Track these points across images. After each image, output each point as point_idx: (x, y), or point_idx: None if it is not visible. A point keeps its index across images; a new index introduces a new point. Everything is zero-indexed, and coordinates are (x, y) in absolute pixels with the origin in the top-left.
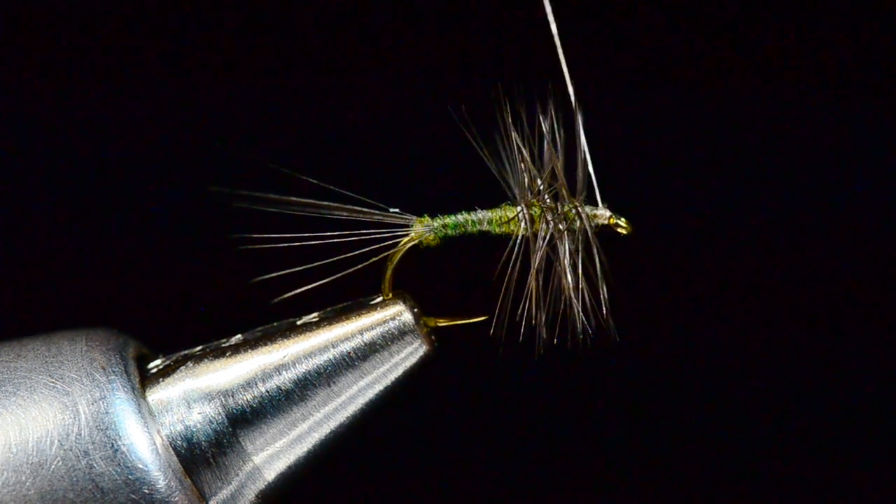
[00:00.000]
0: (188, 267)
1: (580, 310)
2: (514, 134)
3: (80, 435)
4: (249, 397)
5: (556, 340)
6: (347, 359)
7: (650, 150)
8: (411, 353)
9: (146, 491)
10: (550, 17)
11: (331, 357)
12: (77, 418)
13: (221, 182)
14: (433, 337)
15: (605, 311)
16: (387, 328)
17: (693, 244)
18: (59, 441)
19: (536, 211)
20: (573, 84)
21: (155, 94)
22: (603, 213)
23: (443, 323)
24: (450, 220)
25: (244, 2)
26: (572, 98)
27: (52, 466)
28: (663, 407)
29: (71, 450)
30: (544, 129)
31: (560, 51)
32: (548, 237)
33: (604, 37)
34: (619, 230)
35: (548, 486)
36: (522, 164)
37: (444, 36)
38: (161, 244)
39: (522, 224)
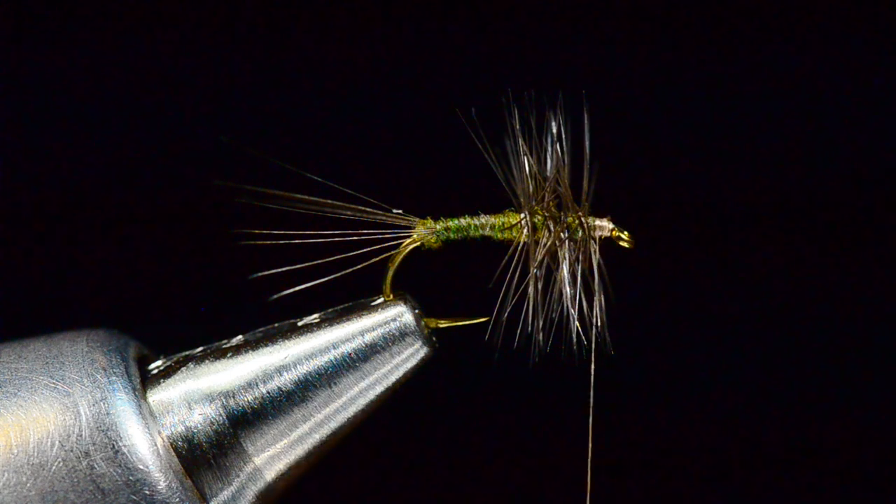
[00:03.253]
0: (188, 267)
1: (577, 320)
2: (520, 140)
3: (81, 436)
4: (250, 398)
5: (548, 349)
6: (348, 360)
7: (657, 161)
8: (412, 354)
9: (147, 492)
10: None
11: (332, 358)
12: (78, 419)
13: (225, 179)
14: (434, 338)
15: (601, 323)
16: (388, 329)
17: (694, 257)
18: (59, 442)
19: (539, 219)
20: (583, 92)
21: (157, 92)
22: (605, 225)
23: (444, 324)
24: (452, 223)
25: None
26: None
27: (53, 467)
28: (657, 419)
29: (72, 451)
30: (552, 136)
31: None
32: (548, 245)
33: (616, 47)
34: (621, 243)
35: (545, 487)
36: (528, 171)
37: (455, 39)
38: (161, 244)
39: (525, 231)
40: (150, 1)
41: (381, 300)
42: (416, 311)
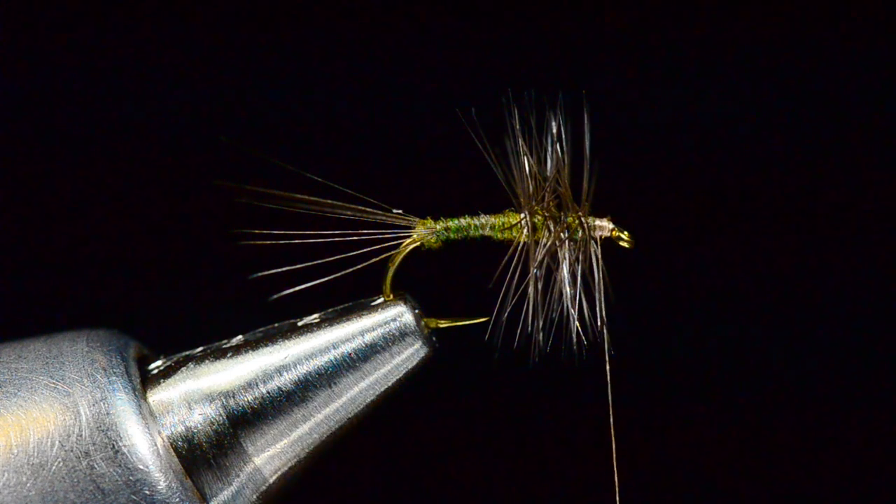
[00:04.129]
0: (188, 267)
1: (577, 319)
2: (520, 140)
3: (81, 436)
4: (250, 398)
5: (548, 349)
6: (348, 360)
7: (657, 161)
8: (412, 354)
9: (147, 492)
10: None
11: (332, 358)
12: (78, 419)
13: (224, 178)
14: (434, 338)
15: (601, 323)
16: (388, 329)
17: (694, 256)
18: (59, 442)
19: (539, 219)
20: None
21: (157, 92)
22: (605, 225)
23: (444, 324)
24: (452, 223)
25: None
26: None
27: (53, 467)
28: (656, 419)
29: (72, 451)
30: (552, 136)
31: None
32: (548, 246)
33: (616, 47)
34: (621, 244)
35: (545, 486)
36: (528, 171)
37: (455, 39)
38: (161, 244)
39: (525, 231)
40: (151, 0)
41: (381, 300)
42: (416, 311)
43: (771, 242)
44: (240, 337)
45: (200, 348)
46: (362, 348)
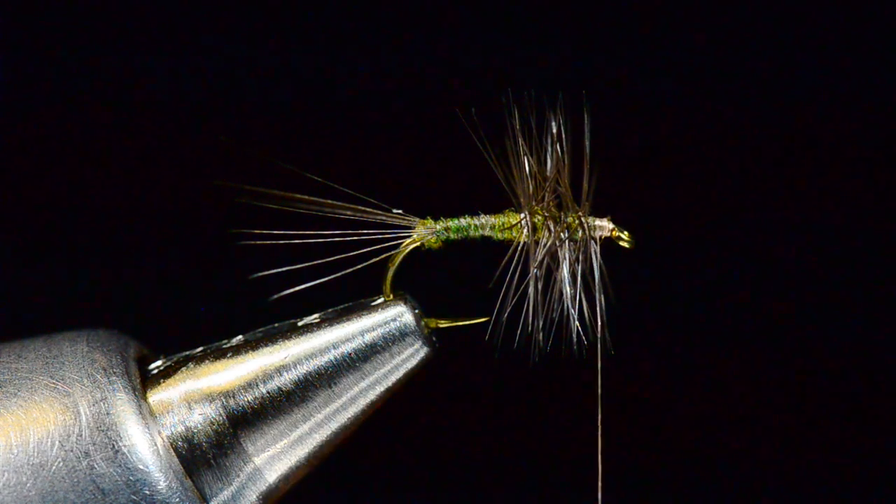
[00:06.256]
0: (188, 267)
1: (576, 319)
2: (520, 140)
3: (81, 436)
4: (250, 398)
5: (548, 349)
6: (348, 360)
7: (657, 161)
8: (412, 354)
9: (147, 492)
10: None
11: (332, 358)
12: (78, 419)
13: (224, 178)
14: (434, 338)
15: (601, 323)
16: (388, 329)
17: (694, 257)
18: (59, 442)
19: (539, 219)
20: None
21: (157, 92)
22: (605, 226)
23: (444, 324)
24: (453, 223)
25: None
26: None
27: (53, 467)
28: (657, 419)
29: (72, 451)
30: (552, 136)
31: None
32: (549, 246)
33: (616, 47)
34: (621, 244)
35: (545, 486)
36: (528, 171)
37: (455, 39)
38: (161, 244)
39: (525, 231)
40: (152, 0)
41: (381, 300)
42: (416, 311)
43: (771, 242)
44: (240, 337)
45: (200, 348)
46: (362, 348)
